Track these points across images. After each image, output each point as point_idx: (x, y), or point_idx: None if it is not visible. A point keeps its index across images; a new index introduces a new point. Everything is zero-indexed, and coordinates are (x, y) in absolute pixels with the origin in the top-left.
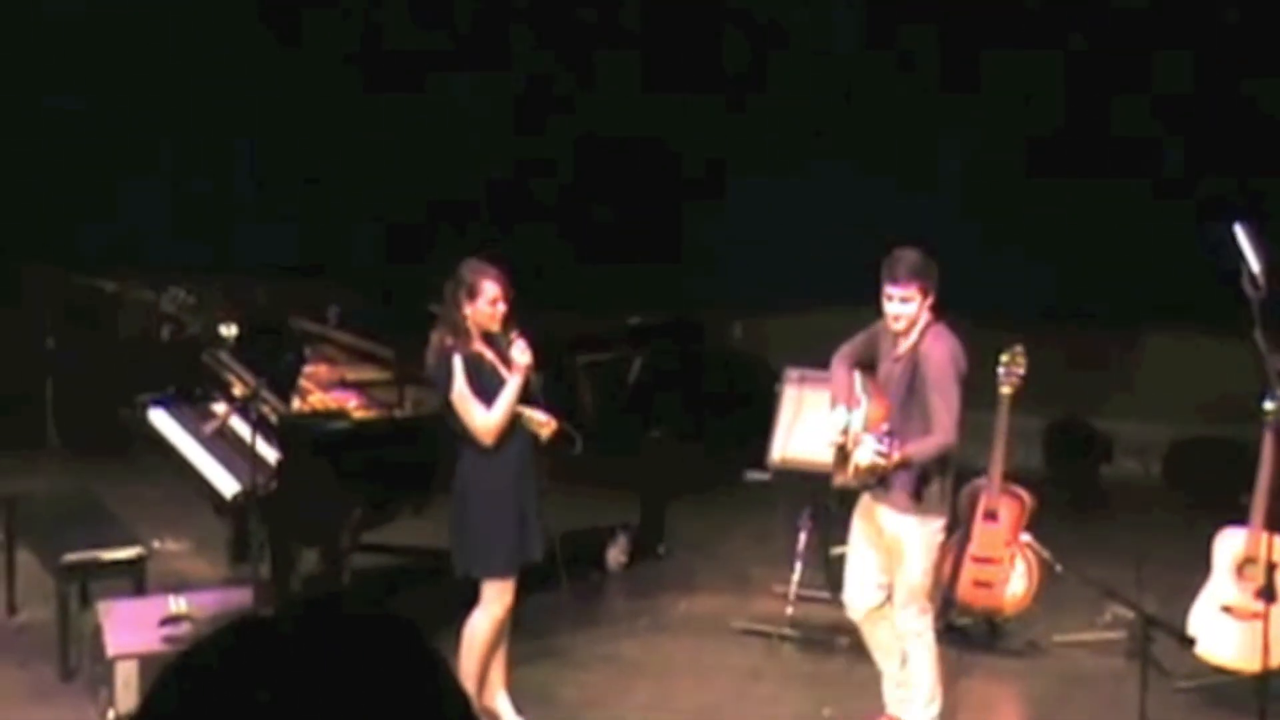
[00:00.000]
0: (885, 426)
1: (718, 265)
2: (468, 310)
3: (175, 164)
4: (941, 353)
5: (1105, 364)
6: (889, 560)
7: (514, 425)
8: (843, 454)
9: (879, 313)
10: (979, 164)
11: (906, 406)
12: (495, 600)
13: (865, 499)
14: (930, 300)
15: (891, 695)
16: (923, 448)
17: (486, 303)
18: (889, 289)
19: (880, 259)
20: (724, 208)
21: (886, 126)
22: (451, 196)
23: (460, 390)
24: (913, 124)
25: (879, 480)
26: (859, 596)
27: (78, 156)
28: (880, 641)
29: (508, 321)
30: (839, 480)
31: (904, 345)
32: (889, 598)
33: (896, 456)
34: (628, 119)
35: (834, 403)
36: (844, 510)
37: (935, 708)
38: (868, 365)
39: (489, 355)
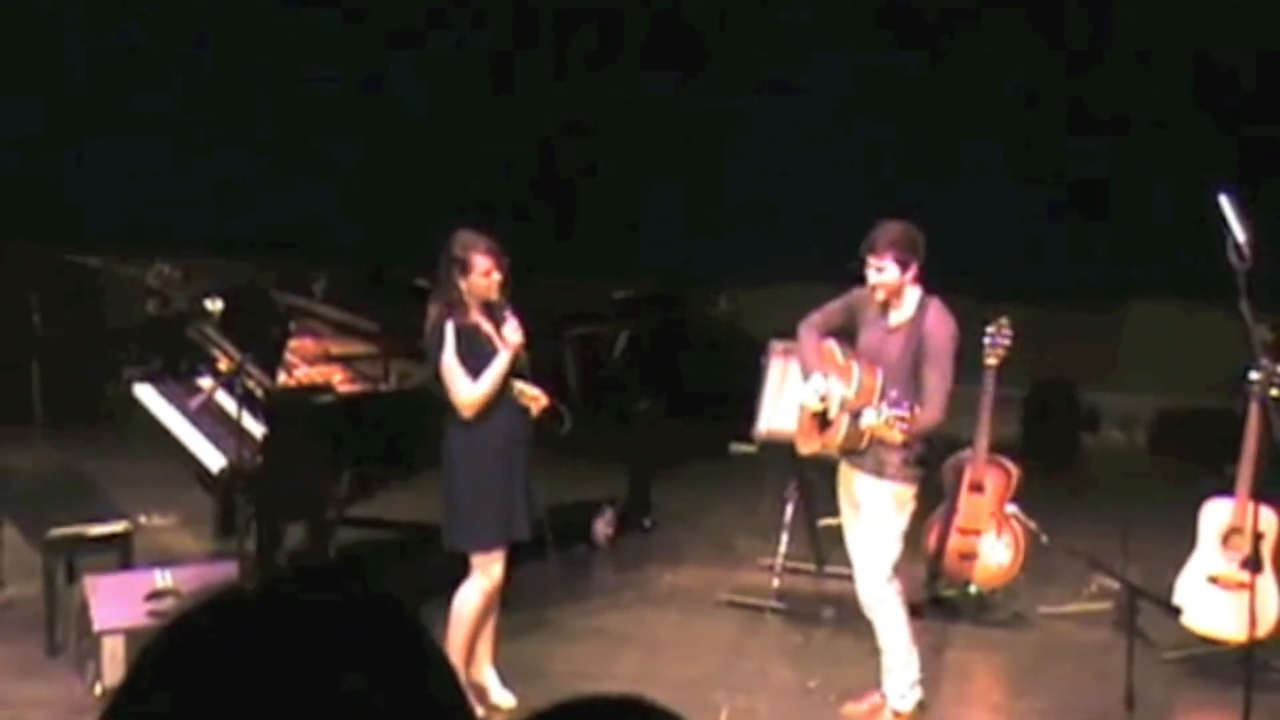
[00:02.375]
0: (894, 393)
1: (704, 238)
2: (462, 284)
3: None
4: (945, 331)
5: (1090, 335)
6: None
7: (501, 400)
8: (824, 419)
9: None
10: (968, 137)
11: (902, 378)
12: (482, 574)
13: (843, 474)
14: (912, 271)
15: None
16: (921, 422)
17: (480, 275)
18: (870, 259)
19: (866, 232)
20: (712, 180)
21: (882, 97)
22: (438, 170)
23: (449, 361)
24: (907, 96)
25: (860, 447)
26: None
27: (69, 130)
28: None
29: (504, 289)
30: (811, 447)
31: (897, 317)
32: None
33: (920, 420)
34: (610, 90)
35: (807, 369)
36: (829, 482)
37: (917, 693)
38: (840, 334)
39: (485, 327)
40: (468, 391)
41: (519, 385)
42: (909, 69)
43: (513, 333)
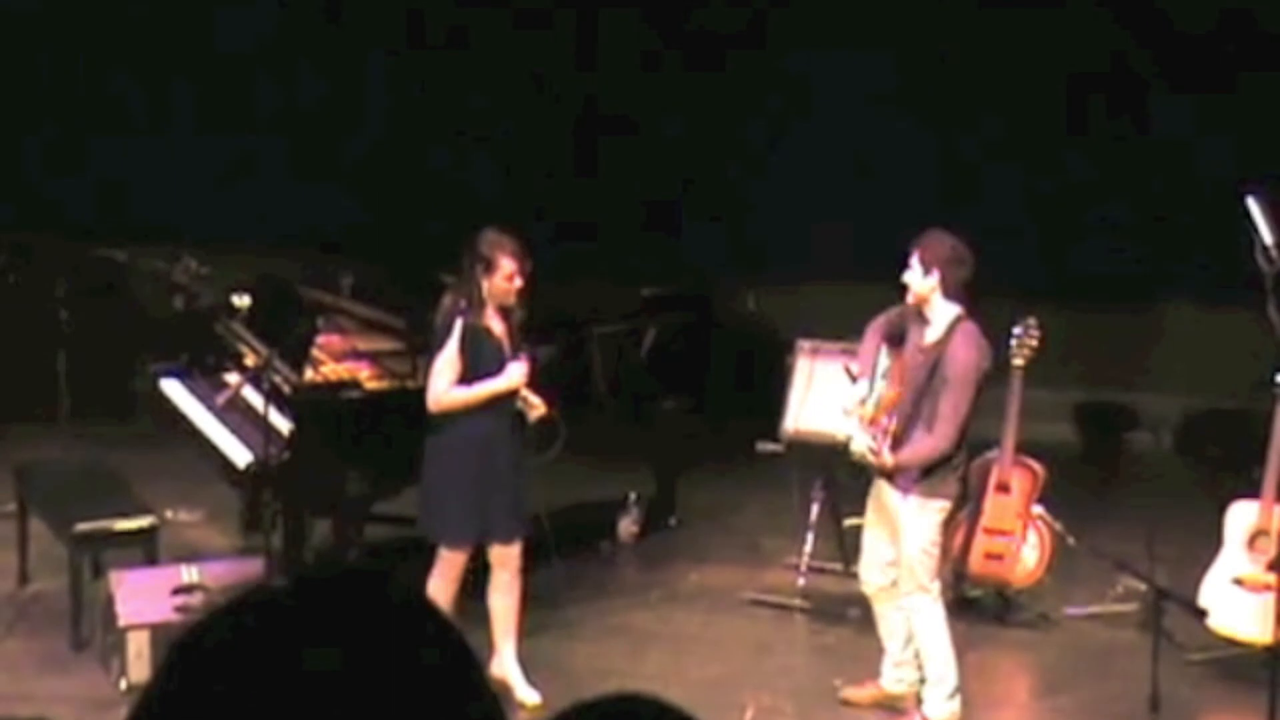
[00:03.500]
0: (886, 420)
1: (733, 236)
2: (484, 283)
3: (193, 132)
4: (967, 357)
5: (1118, 337)
6: (896, 538)
7: (499, 401)
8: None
9: (893, 287)
10: (1000, 136)
11: (920, 399)
12: (445, 566)
13: (876, 481)
14: (938, 279)
15: (889, 674)
16: (916, 451)
17: (503, 278)
18: (910, 258)
19: (907, 235)
20: (739, 179)
21: (915, 101)
22: (461, 166)
23: (448, 354)
24: (938, 100)
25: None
26: (869, 573)
27: (93, 125)
28: (887, 619)
29: (522, 296)
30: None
31: (930, 336)
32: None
33: (888, 460)
34: (640, 92)
35: (860, 372)
36: (856, 482)
37: (955, 705)
38: (894, 341)
39: (497, 331)
40: (441, 391)
41: (524, 393)
42: (942, 64)
43: (517, 369)
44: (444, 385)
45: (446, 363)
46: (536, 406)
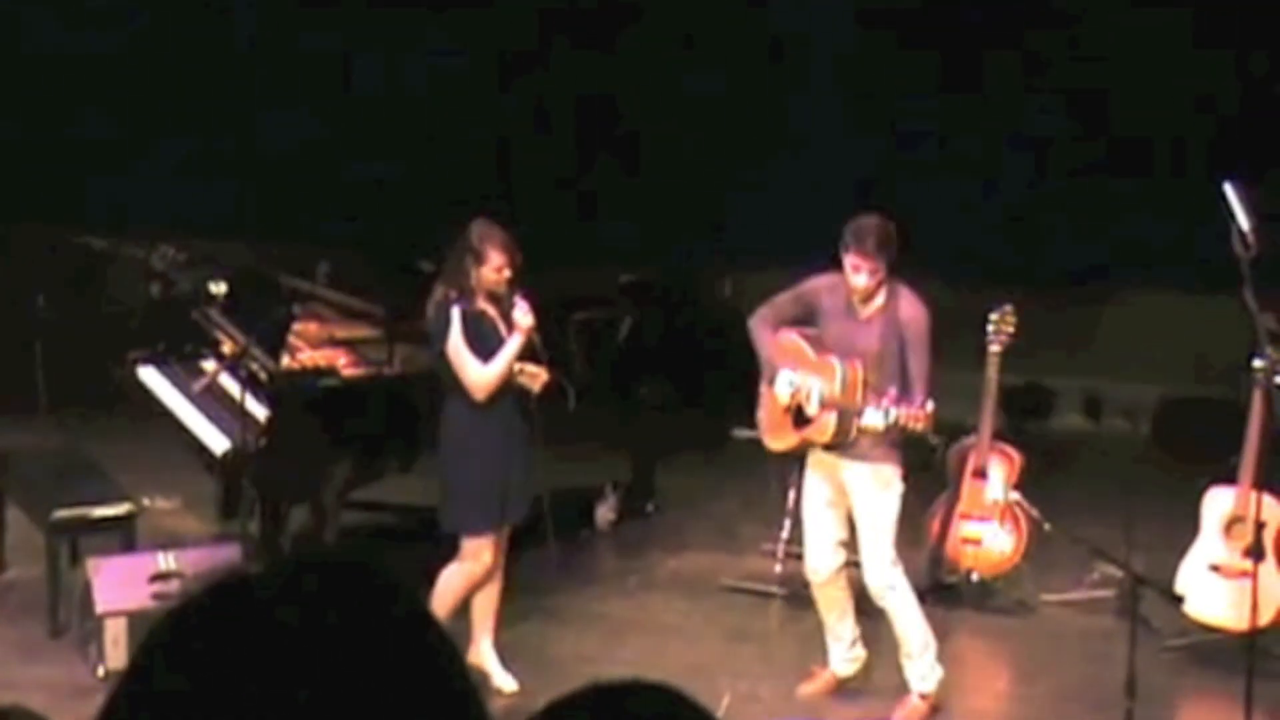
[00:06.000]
0: (893, 390)
1: (710, 224)
2: (473, 274)
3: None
4: (924, 317)
5: (1093, 324)
6: (847, 517)
7: (505, 384)
8: (798, 415)
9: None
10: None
11: (881, 367)
12: (472, 557)
13: (817, 459)
14: (886, 266)
15: (842, 658)
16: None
17: (492, 269)
18: (857, 260)
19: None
20: (714, 165)
21: (879, 91)
22: (445, 153)
23: (455, 344)
24: (898, 89)
25: (850, 439)
26: (823, 559)
27: (78, 114)
28: (836, 600)
29: (512, 285)
30: (786, 443)
31: (868, 308)
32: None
33: (930, 408)
34: (613, 77)
35: (771, 365)
36: None
37: (938, 671)
38: (791, 325)
39: (491, 312)
40: (478, 373)
41: (520, 365)
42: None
43: (523, 316)
44: (476, 367)
45: (461, 350)
46: (538, 375)
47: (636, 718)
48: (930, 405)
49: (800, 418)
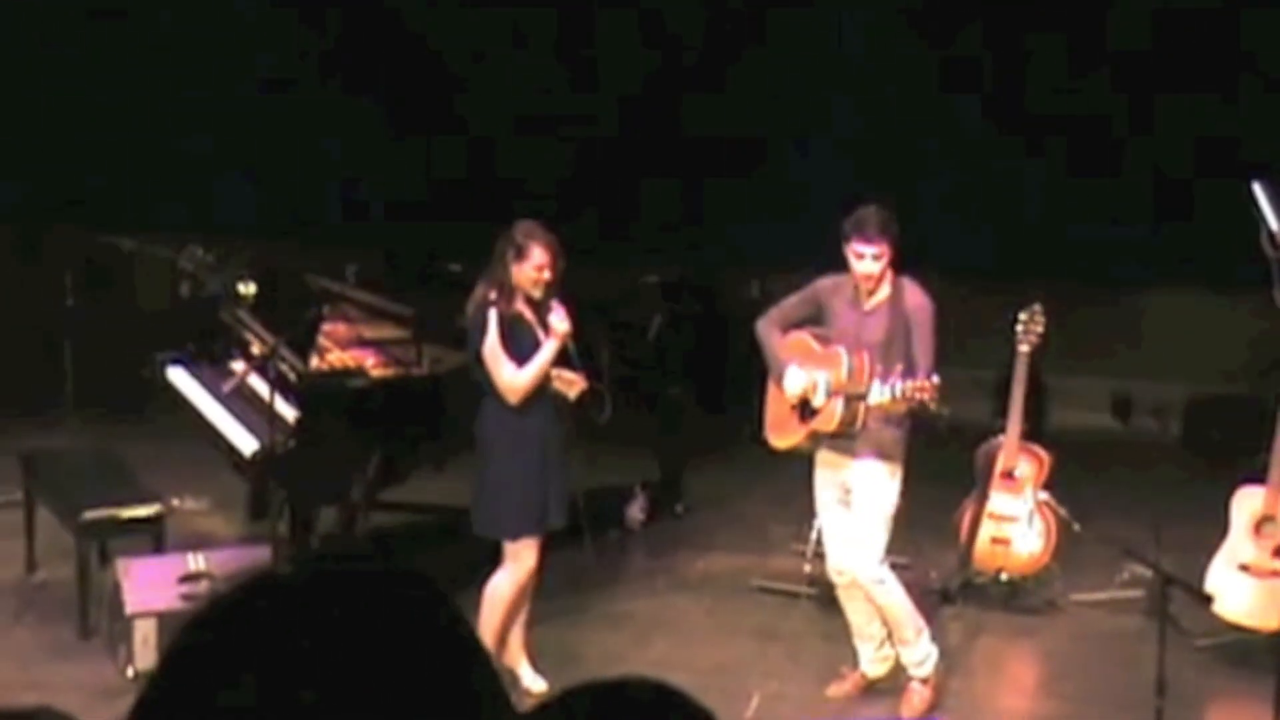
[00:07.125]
0: (900, 368)
1: (736, 224)
2: (514, 271)
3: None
4: (925, 302)
5: (1123, 323)
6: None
7: (540, 389)
8: (804, 409)
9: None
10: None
11: (887, 355)
12: (514, 562)
13: (823, 458)
14: (891, 253)
15: (873, 658)
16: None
17: (533, 267)
18: (859, 246)
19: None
20: (744, 166)
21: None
22: (473, 156)
23: (492, 345)
24: (918, 87)
25: (857, 427)
26: (843, 559)
27: (98, 116)
28: (863, 603)
29: (550, 289)
30: (792, 439)
31: (875, 299)
32: None
33: (935, 380)
34: (642, 80)
35: (779, 364)
36: None
37: (934, 653)
38: (801, 326)
39: (529, 316)
40: (511, 377)
41: (556, 371)
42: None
43: (559, 322)
44: (510, 371)
45: (497, 352)
46: (576, 382)
47: (629, 713)
48: (936, 378)
49: (806, 410)
